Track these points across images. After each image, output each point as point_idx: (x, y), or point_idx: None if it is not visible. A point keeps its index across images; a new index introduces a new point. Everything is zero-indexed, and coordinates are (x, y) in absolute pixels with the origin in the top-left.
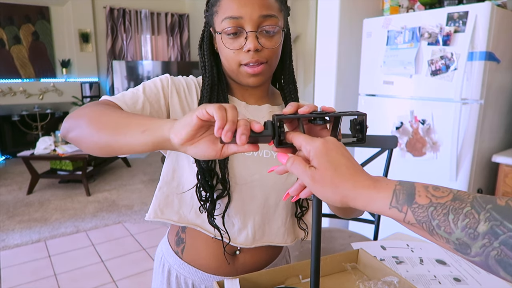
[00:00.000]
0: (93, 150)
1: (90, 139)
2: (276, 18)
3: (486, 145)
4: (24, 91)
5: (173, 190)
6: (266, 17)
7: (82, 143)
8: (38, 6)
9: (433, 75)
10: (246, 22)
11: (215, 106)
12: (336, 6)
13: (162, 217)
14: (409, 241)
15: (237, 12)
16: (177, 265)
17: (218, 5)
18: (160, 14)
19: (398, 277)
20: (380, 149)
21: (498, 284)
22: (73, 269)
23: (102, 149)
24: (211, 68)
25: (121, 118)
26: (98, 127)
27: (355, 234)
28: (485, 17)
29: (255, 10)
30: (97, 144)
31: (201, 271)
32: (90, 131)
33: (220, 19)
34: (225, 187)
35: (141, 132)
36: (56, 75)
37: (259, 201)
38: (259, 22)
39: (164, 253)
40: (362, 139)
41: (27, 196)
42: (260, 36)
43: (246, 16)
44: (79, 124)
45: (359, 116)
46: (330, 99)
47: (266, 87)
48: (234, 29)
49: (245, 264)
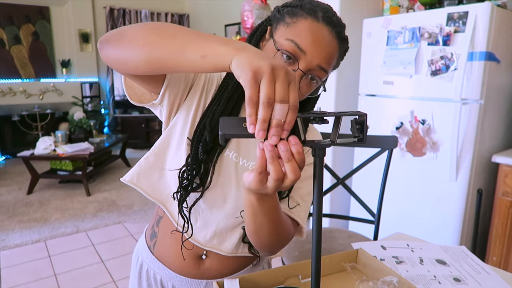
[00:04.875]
0: (137, 64)
1: (141, 49)
2: (326, 73)
3: (486, 145)
4: (24, 91)
5: (158, 164)
6: (321, 69)
7: (127, 53)
8: (38, 6)
9: (433, 75)
10: (304, 60)
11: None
12: (336, 6)
13: (137, 183)
14: (409, 241)
15: (305, 46)
16: (149, 260)
17: (294, 20)
18: (160, 14)
19: (398, 277)
20: (380, 149)
21: (498, 284)
22: (73, 269)
23: (152, 63)
24: None
25: (179, 32)
26: (153, 37)
27: (355, 234)
28: (485, 17)
29: (319, 57)
30: (148, 56)
31: (168, 269)
32: (143, 41)
33: (286, 35)
34: (203, 183)
35: (201, 57)
36: (56, 75)
37: (228, 208)
38: (313, 69)
39: (140, 246)
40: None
41: (27, 196)
42: (304, 79)
43: (309, 56)
44: (127, 32)
45: (360, 116)
46: (330, 99)
47: None
48: (291, 56)
49: (211, 269)
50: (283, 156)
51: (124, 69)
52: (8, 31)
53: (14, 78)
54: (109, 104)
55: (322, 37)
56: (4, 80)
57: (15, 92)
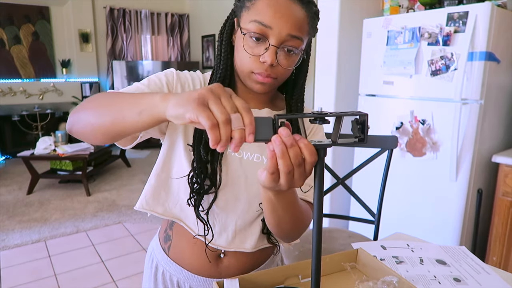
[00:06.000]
0: (99, 138)
1: (91, 127)
2: (301, 41)
3: (486, 145)
4: (24, 91)
5: (161, 183)
6: (293, 38)
7: (86, 133)
8: (38, 6)
9: (433, 75)
10: (273, 34)
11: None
12: (336, 6)
13: (148, 208)
14: (409, 241)
15: (268, 21)
16: (164, 262)
17: (253, 2)
18: (160, 14)
19: (398, 277)
20: (380, 149)
21: (498, 284)
22: (73, 269)
23: (106, 134)
24: (226, 60)
25: (115, 99)
26: (96, 112)
27: (355, 234)
28: (485, 17)
29: (286, 27)
30: (99, 130)
31: (185, 270)
32: (89, 119)
33: (250, 18)
34: (214, 183)
35: (137, 114)
36: (56, 75)
37: (242, 205)
38: (285, 40)
39: (154, 249)
40: (364, 139)
41: (27, 196)
42: (280, 53)
43: (275, 29)
44: (80, 116)
45: (361, 116)
46: (330, 99)
47: (269, 94)
48: (259, 36)
49: (229, 267)
50: (291, 143)
51: (93, 142)
52: (8, 31)
53: (14, 78)
54: None
55: (283, 7)
56: (4, 80)
57: (15, 92)
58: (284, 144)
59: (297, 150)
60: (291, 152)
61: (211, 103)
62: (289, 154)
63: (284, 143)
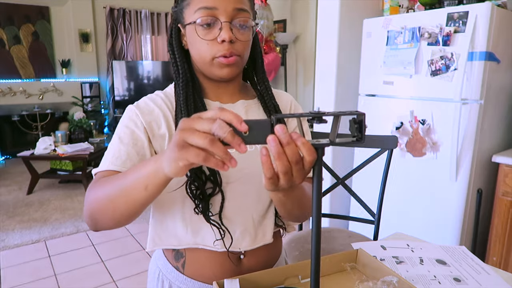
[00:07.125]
0: (129, 222)
1: (114, 222)
2: (248, 13)
3: (486, 145)
4: (24, 91)
5: (162, 213)
6: (240, 11)
7: (114, 227)
8: (38, 6)
9: (433, 75)
10: (220, 13)
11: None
12: (336, 6)
13: (161, 244)
14: (409, 241)
15: (211, 2)
16: (179, 281)
17: None
18: (160, 14)
19: (398, 277)
20: (380, 149)
21: (498, 284)
22: (73, 269)
23: (132, 217)
24: (183, 64)
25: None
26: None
27: (355, 234)
28: (485, 17)
29: (230, 3)
30: (124, 219)
31: (205, 284)
32: (107, 218)
33: (193, 10)
34: (216, 184)
35: (144, 190)
36: (56, 75)
37: (252, 197)
38: (233, 15)
39: (161, 270)
40: (361, 138)
41: (27, 196)
42: (234, 29)
43: (220, 7)
44: (96, 218)
45: (358, 116)
46: (330, 99)
47: (238, 82)
48: (208, 19)
49: (250, 268)
50: (287, 141)
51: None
52: (8, 31)
53: (14, 78)
54: (109, 104)
55: None
56: (4, 80)
57: (15, 92)
58: (280, 144)
59: (294, 147)
60: (288, 150)
61: (188, 139)
62: (286, 152)
63: (280, 144)
